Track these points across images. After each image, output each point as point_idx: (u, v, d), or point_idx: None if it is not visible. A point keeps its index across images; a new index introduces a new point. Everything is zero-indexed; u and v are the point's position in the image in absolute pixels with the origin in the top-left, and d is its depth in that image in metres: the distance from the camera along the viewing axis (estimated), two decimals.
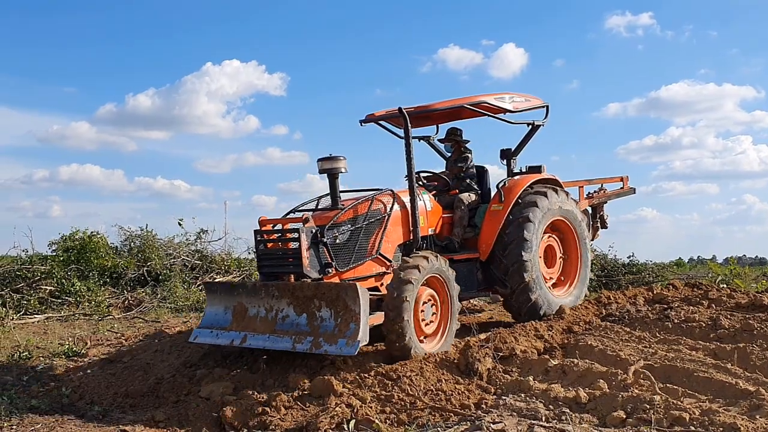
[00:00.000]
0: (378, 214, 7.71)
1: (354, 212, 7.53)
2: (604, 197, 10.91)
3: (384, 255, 7.67)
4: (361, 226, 7.49)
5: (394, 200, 7.91)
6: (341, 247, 7.29)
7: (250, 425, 4.95)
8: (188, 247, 15.56)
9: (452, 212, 8.73)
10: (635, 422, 4.35)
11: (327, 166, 7.60)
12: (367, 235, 7.57)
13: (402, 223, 7.94)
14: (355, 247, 7.40)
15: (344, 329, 6.27)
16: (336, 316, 6.41)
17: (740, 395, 4.80)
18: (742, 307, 7.71)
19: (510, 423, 4.40)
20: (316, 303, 6.58)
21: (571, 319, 7.75)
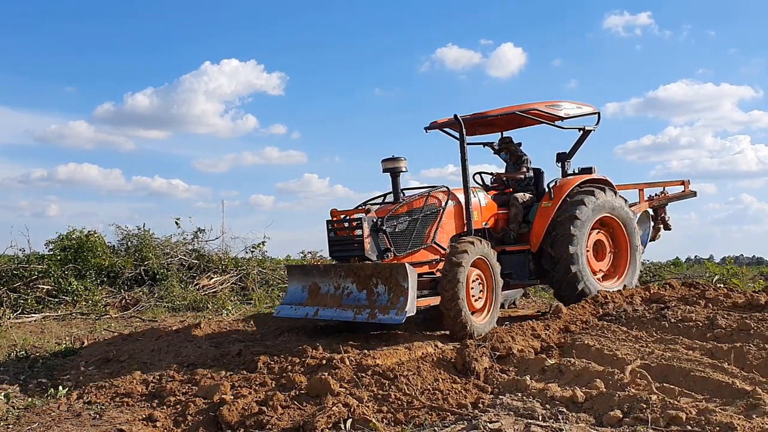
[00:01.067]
0: (434, 207, 8.73)
1: (412, 206, 8.60)
2: (664, 200, 11.62)
3: (439, 244, 8.70)
4: (418, 218, 8.55)
5: (449, 196, 8.92)
6: (399, 235, 8.39)
7: (247, 425, 4.94)
8: (185, 246, 15.61)
9: (507, 209, 9.78)
10: (632, 422, 4.35)
11: (389, 166, 8.80)
12: (424, 225, 8.62)
13: (455, 216, 8.99)
14: (412, 235, 8.48)
15: (395, 302, 7.40)
16: (389, 291, 7.55)
17: (737, 395, 4.80)
18: (739, 307, 7.73)
19: (507, 422, 4.40)
20: (374, 281, 7.74)
21: (568, 318, 7.76)
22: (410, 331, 8.07)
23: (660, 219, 11.59)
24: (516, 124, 10.51)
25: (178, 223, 15.86)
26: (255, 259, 16.15)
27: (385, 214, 8.28)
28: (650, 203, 11.45)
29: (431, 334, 7.86)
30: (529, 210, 9.84)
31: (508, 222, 9.79)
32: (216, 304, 12.89)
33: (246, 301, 13.72)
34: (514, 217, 9.71)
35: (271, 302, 13.72)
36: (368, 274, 7.83)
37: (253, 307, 13.12)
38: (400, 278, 7.45)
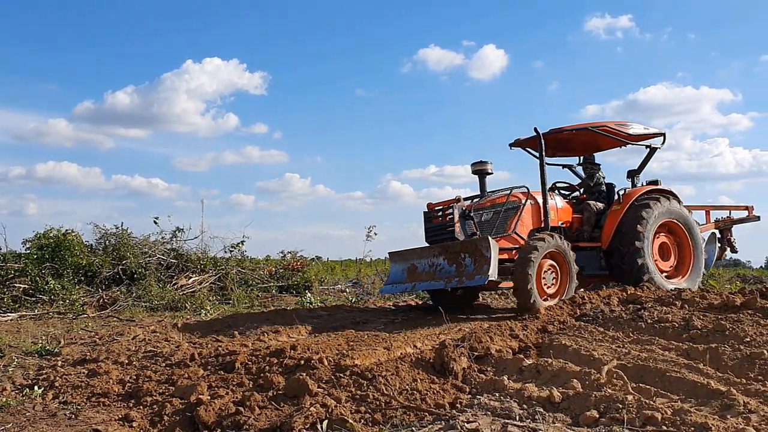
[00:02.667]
0: (515, 204, 10.45)
1: (495, 201, 10.38)
2: (729, 222, 12.93)
3: (519, 234, 10.33)
4: (501, 211, 10.25)
5: (528, 196, 10.60)
6: (484, 223, 10.12)
7: (224, 425, 4.92)
8: (164, 245, 15.50)
9: (581, 214, 11.45)
10: (608, 422, 4.38)
11: (478, 168, 10.60)
12: (505, 218, 10.31)
13: (533, 213, 10.64)
14: (495, 225, 10.17)
15: (480, 269, 9.04)
16: (475, 261, 9.22)
17: (712, 395, 4.84)
18: (715, 308, 7.80)
19: (484, 422, 4.41)
20: (462, 255, 9.44)
21: (546, 318, 7.81)
22: (390, 332, 8.08)
23: (726, 240, 12.84)
24: (592, 148, 12.25)
25: (156, 222, 15.77)
26: (234, 259, 16.09)
27: (472, 207, 10.13)
28: (716, 225, 12.86)
29: (411, 335, 7.87)
30: (600, 216, 11.37)
31: (582, 224, 11.38)
32: (194, 303, 12.83)
33: (225, 301, 13.67)
34: (587, 220, 11.32)
35: (250, 302, 13.68)
36: (457, 250, 9.56)
37: (231, 307, 13.08)
38: (483, 249, 9.08)
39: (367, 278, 20.04)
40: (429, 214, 10.60)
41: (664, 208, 11.08)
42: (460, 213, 10.00)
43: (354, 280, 19.93)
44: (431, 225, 10.47)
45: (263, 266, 17.21)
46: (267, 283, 15.91)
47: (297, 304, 13.65)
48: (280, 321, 10.08)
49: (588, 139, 11.56)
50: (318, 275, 17.85)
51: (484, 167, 10.58)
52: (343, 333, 8.23)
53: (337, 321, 10.05)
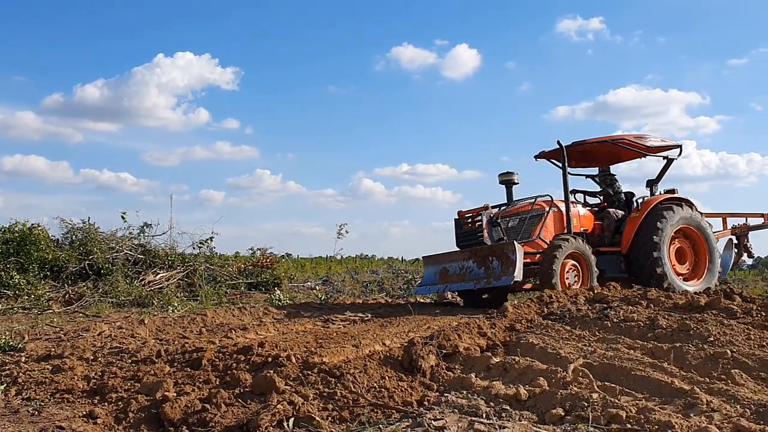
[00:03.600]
0: (539, 211, 11.32)
1: (521, 209, 11.33)
2: (746, 229, 13.61)
3: (543, 240, 11.10)
4: (526, 218, 11.12)
5: (552, 204, 11.44)
6: (510, 230, 11.02)
7: (190, 422, 4.88)
8: (131, 241, 15.38)
9: (602, 221, 12.24)
10: (573, 419, 4.41)
11: (505, 178, 11.57)
12: (531, 225, 11.14)
13: (557, 219, 11.43)
14: (520, 231, 11.01)
15: (506, 270, 9.91)
16: (502, 264, 10.06)
17: (676, 394, 4.90)
18: (680, 308, 7.90)
19: (451, 420, 4.43)
20: (490, 258, 10.27)
21: (514, 317, 7.85)
22: (359, 330, 8.08)
23: (743, 246, 13.54)
24: (614, 160, 13.12)
25: (124, 217, 15.62)
26: (203, 255, 15.99)
27: (499, 215, 11.08)
28: (732, 231, 13.51)
29: (381, 333, 7.87)
30: (620, 223, 12.13)
31: (603, 230, 12.17)
32: (162, 300, 12.72)
33: (193, 298, 13.57)
34: (607, 226, 12.11)
35: (218, 299, 13.59)
36: (486, 253, 10.44)
37: (199, 303, 12.99)
38: (510, 253, 9.94)
39: (338, 276, 20.03)
40: (459, 221, 11.54)
41: (679, 216, 11.81)
42: (488, 220, 10.95)
43: (324, 278, 19.89)
44: (462, 231, 11.42)
45: (232, 263, 17.13)
46: (236, 279, 15.84)
47: (266, 301, 13.59)
48: (249, 318, 10.03)
49: (609, 150, 12.45)
50: (288, 272, 17.81)
51: (510, 177, 11.54)
52: (312, 330, 8.21)
53: (306, 318, 10.02)
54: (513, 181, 11.64)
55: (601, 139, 11.95)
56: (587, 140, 11.93)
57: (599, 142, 11.95)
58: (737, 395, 4.79)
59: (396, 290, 17.25)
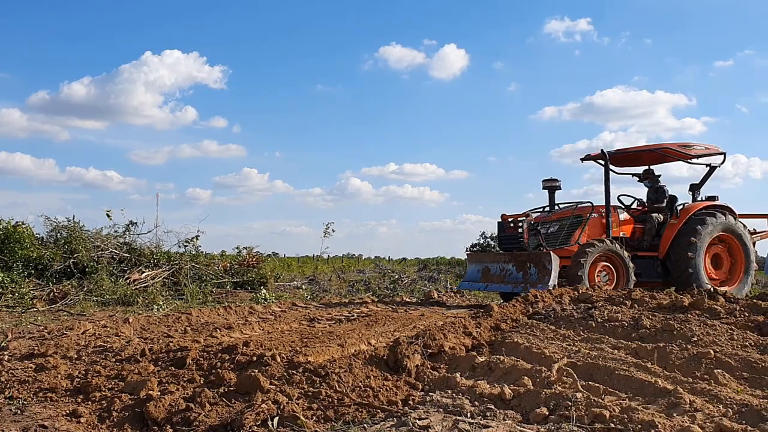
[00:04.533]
0: (579, 217, 11.75)
1: (561, 215, 11.76)
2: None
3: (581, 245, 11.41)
4: (566, 224, 11.57)
5: (592, 210, 11.91)
6: (550, 236, 11.53)
7: (174, 421, 4.86)
8: (116, 239, 15.29)
9: (643, 225, 12.57)
10: (557, 419, 4.43)
11: (548, 184, 12.25)
12: (570, 230, 11.61)
13: (596, 225, 11.83)
14: (560, 237, 11.55)
15: (542, 278, 10.56)
16: (539, 272, 10.71)
17: (659, 393, 4.93)
18: (664, 308, 7.95)
19: (435, 419, 4.43)
20: (528, 264, 10.89)
21: (499, 316, 7.86)
22: (345, 329, 8.07)
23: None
24: (656, 159, 13.25)
25: (109, 215, 15.54)
26: (188, 254, 15.93)
27: (540, 220, 11.59)
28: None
29: (366, 332, 7.87)
30: (661, 227, 12.45)
31: (643, 234, 12.46)
32: (147, 298, 12.67)
33: (178, 297, 13.53)
34: (648, 230, 12.42)
35: (204, 298, 13.55)
36: (524, 260, 11.06)
37: (185, 302, 12.94)
38: (546, 262, 10.56)
39: (324, 275, 20.02)
40: (502, 224, 12.15)
41: (718, 223, 12.12)
42: (529, 226, 11.49)
43: (310, 277, 19.87)
44: (504, 234, 12.07)
45: (218, 262, 17.07)
46: (221, 278, 15.79)
47: (252, 300, 13.56)
48: (234, 317, 10.01)
49: (653, 155, 12.80)
50: (274, 271, 17.76)
51: (554, 183, 12.23)
52: (298, 330, 8.20)
53: (291, 317, 10.01)
54: (556, 186, 12.28)
55: (646, 147, 12.48)
56: (630, 148, 12.55)
57: (644, 150, 12.50)
58: (720, 395, 4.83)
59: (383, 290, 17.25)
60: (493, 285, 11.71)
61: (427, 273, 23.93)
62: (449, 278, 21.37)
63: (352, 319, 9.62)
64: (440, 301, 13.07)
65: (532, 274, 10.77)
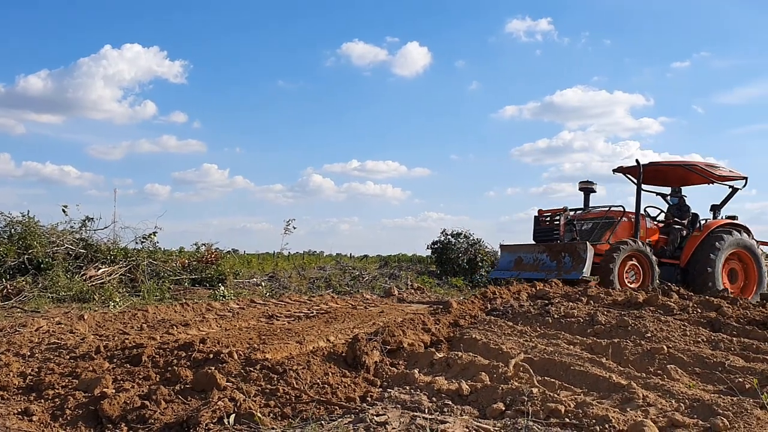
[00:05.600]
0: (612, 219, 12.69)
1: (596, 214, 12.72)
2: None
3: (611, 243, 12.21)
4: (599, 223, 12.52)
5: (623, 214, 12.83)
6: (584, 232, 12.50)
7: (129, 419, 4.80)
8: (72, 235, 15.01)
9: (667, 235, 13.57)
10: (513, 414, 4.47)
11: (585, 186, 13.10)
12: (603, 229, 12.52)
13: (626, 228, 12.69)
14: (592, 234, 12.44)
15: (576, 266, 11.36)
16: (573, 260, 11.50)
17: (613, 389, 5.00)
18: (619, 304, 8.07)
19: (393, 415, 4.44)
20: (563, 254, 11.70)
21: (458, 313, 7.91)
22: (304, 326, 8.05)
23: None
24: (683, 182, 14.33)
25: (65, 210, 15.25)
26: (146, 250, 15.71)
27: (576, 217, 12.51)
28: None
29: (325, 329, 7.86)
30: (683, 240, 13.46)
31: (666, 244, 13.45)
32: (103, 295, 12.48)
33: (135, 293, 13.35)
34: (671, 241, 13.41)
35: (161, 295, 13.40)
36: (559, 249, 11.97)
37: (141, 299, 12.78)
38: (581, 251, 11.42)
39: (284, 272, 19.91)
40: (538, 218, 13.08)
41: (735, 240, 13.09)
42: (566, 221, 12.40)
43: (270, 274, 19.74)
44: (540, 227, 12.96)
45: (176, 258, 16.85)
46: (179, 275, 15.61)
47: (210, 297, 13.44)
48: (191, 314, 9.92)
49: (680, 174, 13.76)
50: (233, 268, 17.60)
51: (590, 186, 13.11)
52: (256, 327, 8.16)
53: (250, 314, 9.95)
54: (592, 189, 13.14)
55: (676, 162, 13.51)
56: (662, 162, 13.52)
57: (673, 165, 13.47)
58: (672, 390, 4.92)
59: (343, 287, 17.22)
60: (525, 273, 12.38)
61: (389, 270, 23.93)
62: (410, 275, 21.39)
63: (311, 316, 9.60)
64: (401, 298, 13.10)
65: (566, 263, 11.56)
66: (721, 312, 7.64)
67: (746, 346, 6.41)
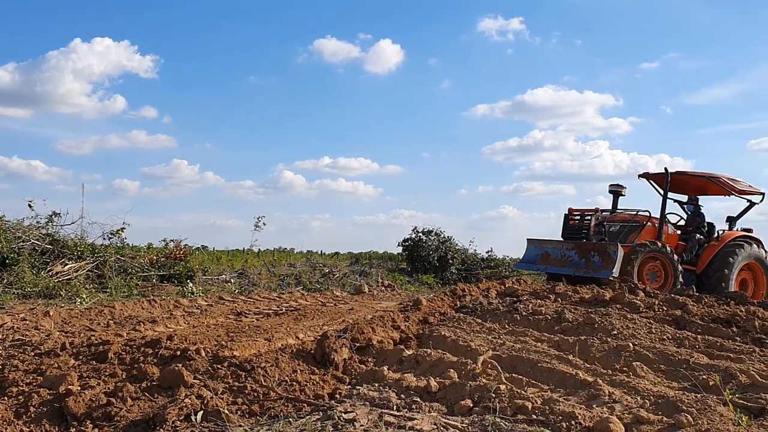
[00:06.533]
0: (638, 222, 13.23)
1: (624, 217, 13.26)
2: None
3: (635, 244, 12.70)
4: (627, 226, 13.03)
5: (649, 218, 13.28)
6: (612, 233, 12.87)
7: (94, 416, 4.74)
8: (39, 230, 14.78)
9: (686, 242, 14.05)
10: (481, 410, 4.49)
11: (615, 189, 13.70)
12: (629, 232, 13.03)
13: (650, 232, 13.23)
14: (620, 236, 12.87)
15: (606, 265, 11.63)
16: (602, 260, 11.76)
17: (580, 385, 5.04)
18: (586, 302, 8.14)
19: (361, 412, 4.44)
20: (592, 253, 11.99)
21: (428, 310, 7.93)
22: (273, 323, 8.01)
23: None
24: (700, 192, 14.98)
25: (31, 205, 15.02)
26: (113, 246, 15.54)
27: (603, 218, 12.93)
28: None
29: (294, 326, 7.84)
30: (699, 248, 14.00)
31: (684, 250, 13.90)
32: (70, 291, 12.33)
33: (102, 290, 13.20)
34: (689, 248, 13.93)
35: (129, 291, 13.27)
36: (589, 248, 12.27)
37: (109, 296, 12.64)
38: (612, 252, 11.72)
39: (254, 269, 19.79)
40: (568, 216, 13.59)
41: (749, 252, 13.75)
42: (597, 222, 12.82)
43: (240, 271, 19.62)
44: (570, 225, 13.42)
45: (144, 254, 16.68)
46: (147, 271, 15.46)
47: (178, 294, 13.33)
48: (159, 311, 9.84)
49: (700, 184, 14.37)
50: (202, 265, 17.47)
51: (620, 189, 13.74)
52: (224, 324, 8.11)
53: (218, 311, 9.89)
54: (621, 192, 13.76)
55: (702, 173, 13.96)
56: (688, 172, 14.00)
57: (698, 175, 13.99)
58: (638, 387, 4.98)
59: (313, 284, 17.17)
60: (552, 268, 12.94)
61: (359, 267, 23.89)
62: (381, 272, 21.39)
63: (280, 313, 9.57)
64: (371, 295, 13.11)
65: (595, 261, 11.87)
66: (687, 310, 7.74)
67: (710, 343, 6.50)
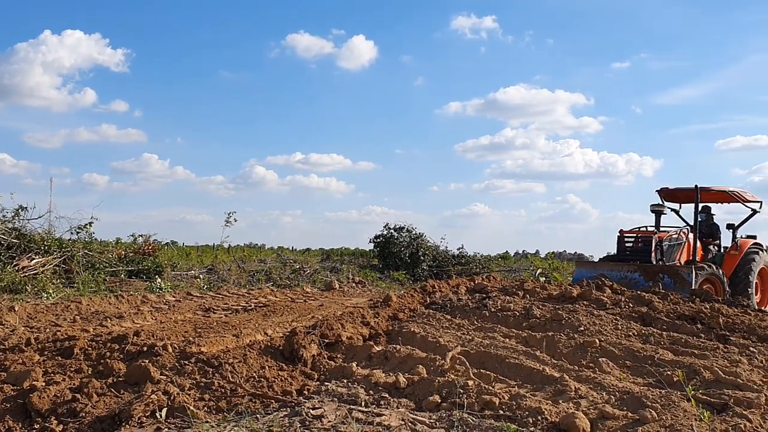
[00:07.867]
0: (681, 240, 13.85)
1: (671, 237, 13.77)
2: None
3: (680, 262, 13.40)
4: (674, 245, 13.63)
5: (687, 235, 13.93)
6: (666, 251, 13.38)
7: (59, 412, 4.68)
8: (4, 224, 14.56)
9: (705, 253, 14.59)
10: (449, 406, 4.51)
11: (656, 209, 14.15)
12: (675, 249, 13.63)
13: (687, 248, 13.87)
14: (671, 254, 13.48)
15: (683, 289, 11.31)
16: (675, 282, 11.83)
17: (546, 381, 5.09)
18: (554, 298, 8.21)
19: (329, 408, 4.44)
20: (661, 275, 12.10)
21: (397, 306, 7.94)
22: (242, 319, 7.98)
23: None
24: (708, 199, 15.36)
25: None
26: (81, 241, 15.36)
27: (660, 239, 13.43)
28: None
29: (263, 322, 7.81)
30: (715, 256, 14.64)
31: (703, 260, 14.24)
32: (36, 286, 12.17)
33: (69, 285, 13.05)
34: (711, 258, 14.45)
35: (97, 286, 13.13)
36: (656, 270, 12.31)
37: (76, 291, 12.50)
38: (685, 275, 11.91)
39: (224, 265, 19.69)
40: (621, 237, 14.03)
41: (762, 258, 14.48)
42: (656, 243, 13.25)
43: (209, 267, 19.51)
44: (626, 247, 13.86)
45: (113, 249, 16.51)
46: (116, 267, 15.31)
47: (146, 289, 13.22)
48: (126, 306, 9.75)
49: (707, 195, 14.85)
50: (171, 260, 17.34)
51: (661, 209, 14.23)
52: (192, 320, 8.06)
53: (186, 307, 9.82)
54: (662, 211, 14.30)
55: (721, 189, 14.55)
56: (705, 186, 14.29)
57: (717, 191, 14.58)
58: (603, 382, 5.03)
59: (284, 280, 17.12)
60: None
61: (330, 263, 23.90)
62: (352, 269, 21.40)
63: (249, 309, 9.53)
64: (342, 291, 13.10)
65: (666, 283, 11.84)
66: (652, 307, 7.84)
67: (675, 340, 6.59)
